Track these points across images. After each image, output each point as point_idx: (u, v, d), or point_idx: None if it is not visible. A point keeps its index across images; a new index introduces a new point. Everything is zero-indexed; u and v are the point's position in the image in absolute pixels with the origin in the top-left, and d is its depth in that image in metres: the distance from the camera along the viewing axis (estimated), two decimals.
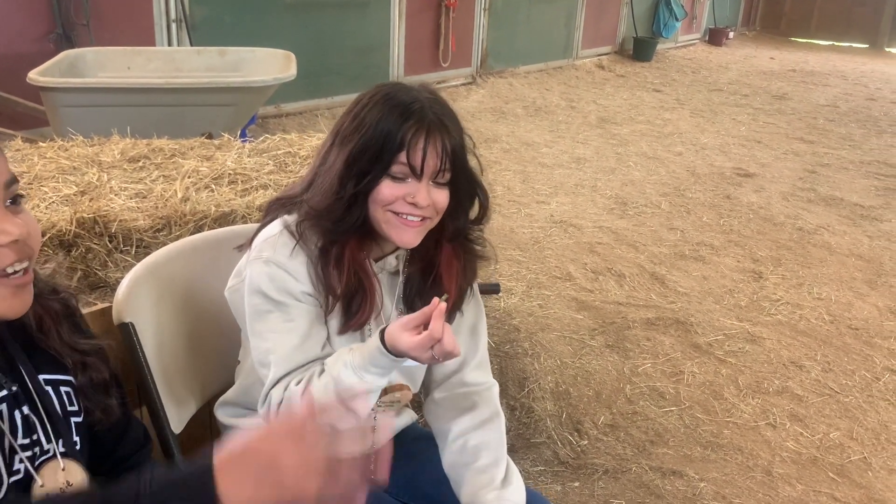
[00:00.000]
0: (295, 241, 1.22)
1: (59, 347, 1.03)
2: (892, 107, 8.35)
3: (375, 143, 1.18)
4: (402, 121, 1.17)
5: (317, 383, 1.20)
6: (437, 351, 1.14)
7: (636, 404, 2.70)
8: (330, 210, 1.21)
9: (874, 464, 2.47)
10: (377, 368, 1.19)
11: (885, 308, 3.55)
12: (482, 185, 1.31)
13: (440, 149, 1.19)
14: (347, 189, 1.20)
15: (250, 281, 1.23)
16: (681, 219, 4.57)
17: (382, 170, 1.19)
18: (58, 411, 1.01)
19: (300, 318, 1.23)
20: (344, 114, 1.26)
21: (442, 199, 1.23)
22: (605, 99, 8.01)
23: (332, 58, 6.36)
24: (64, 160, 2.41)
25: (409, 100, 1.20)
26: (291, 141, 2.70)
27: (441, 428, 1.39)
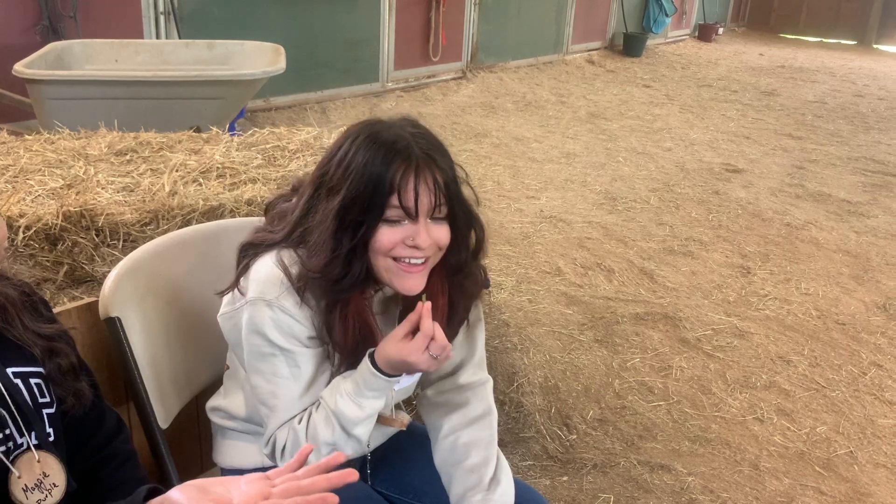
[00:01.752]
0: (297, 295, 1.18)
1: (23, 335, 1.03)
2: (879, 103, 8.40)
3: (365, 191, 1.13)
4: (388, 162, 1.12)
5: (317, 417, 1.20)
6: (433, 349, 1.14)
7: (625, 399, 2.71)
8: (328, 269, 1.16)
9: (860, 458, 2.49)
10: (373, 392, 1.19)
11: (871, 303, 3.58)
12: (478, 217, 1.26)
13: (432, 184, 1.14)
14: (344, 245, 1.15)
15: (251, 321, 1.19)
16: (670, 214, 4.58)
17: (376, 217, 1.14)
18: (28, 404, 1.00)
19: (305, 364, 1.21)
20: (325, 158, 1.21)
21: (443, 234, 1.18)
22: (595, 94, 8.02)
23: (321, 51, 6.34)
24: (50, 153, 2.39)
25: (393, 138, 1.15)
26: (280, 135, 2.68)
27: (433, 423, 1.39)
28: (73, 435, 1.10)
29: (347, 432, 1.19)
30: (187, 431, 1.57)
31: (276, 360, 1.20)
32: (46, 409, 1.03)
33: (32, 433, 1.00)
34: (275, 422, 1.22)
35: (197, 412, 1.51)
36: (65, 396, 1.05)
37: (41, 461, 0.99)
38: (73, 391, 1.06)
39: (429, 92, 7.29)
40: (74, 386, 1.07)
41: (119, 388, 1.41)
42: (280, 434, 1.22)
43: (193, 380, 1.47)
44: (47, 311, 1.12)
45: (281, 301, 1.17)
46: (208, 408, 1.41)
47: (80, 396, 1.07)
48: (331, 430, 1.19)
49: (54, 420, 1.04)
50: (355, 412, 1.18)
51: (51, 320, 1.10)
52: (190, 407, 1.49)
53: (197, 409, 1.51)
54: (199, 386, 1.49)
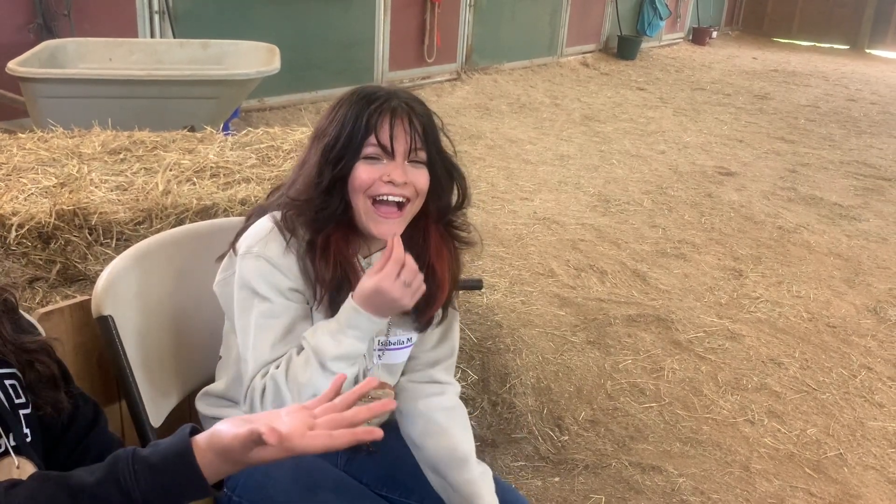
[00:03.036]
0: (284, 236, 1.24)
1: (3, 348, 1.02)
2: (871, 108, 8.44)
3: (345, 130, 1.23)
4: (368, 105, 1.23)
5: (296, 359, 1.21)
6: (405, 275, 1.16)
7: (616, 400, 2.72)
8: (310, 199, 1.24)
9: (850, 460, 2.50)
10: (354, 330, 1.20)
11: (862, 306, 3.60)
12: (458, 166, 1.34)
13: (408, 126, 1.23)
14: (325, 177, 1.24)
15: (240, 275, 1.24)
16: (663, 217, 4.60)
17: (355, 153, 1.23)
18: (5, 405, 1.00)
19: (283, 314, 1.24)
20: (323, 116, 1.31)
21: (421, 178, 1.25)
22: (590, 97, 8.04)
23: (316, 52, 6.34)
24: (44, 151, 2.38)
25: (377, 90, 1.26)
26: (274, 135, 2.69)
27: (407, 406, 1.41)
28: (47, 432, 1.10)
29: (325, 369, 1.19)
30: None
31: (255, 311, 1.23)
32: (23, 410, 1.03)
33: (10, 435, 0.99)
34: (249, 372, 1.24)
35: (189, 411, 1.51)
36: (43, 406, 1.05)
37: (20, 467, 0.98)
38: (51, 402, 1.06)
39: (423, 93, 7.26)
40: (54, 396, 1.07)
41: (111, 387, 1.41)
42: (257, 383, 1.22)
43: (185, 379, 1.47)
44: (29, 325, 1.12)
45: (266, 250, 1.23)
46: (198, 397, 1.43)
47: (58, 407, 1.07)
48: (310, 370, 1.19)
49: (31, 420, 1.04)
50: (332, 347, 1.19)
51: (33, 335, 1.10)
52: (182, 406, 1.49)
53: (189, 409, 1.51)
54: (192, 385, 1.49)
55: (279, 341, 1.24)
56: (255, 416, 0.91)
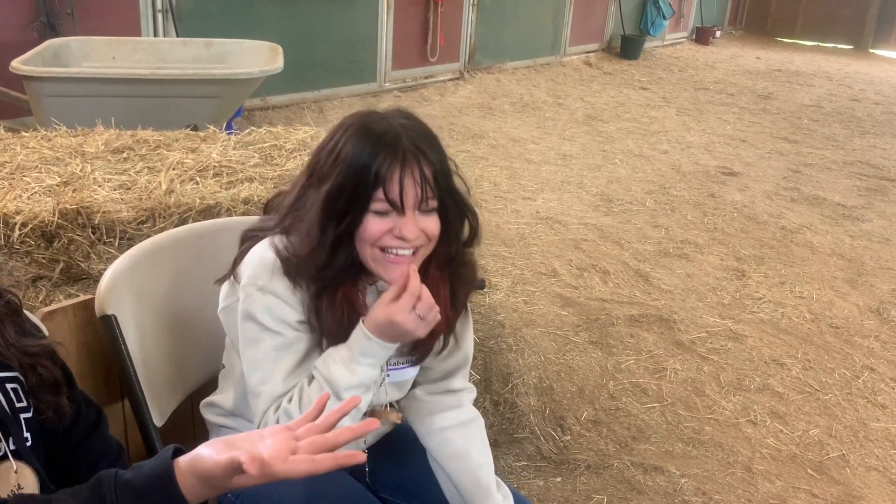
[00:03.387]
0: (290, 277, 1.19)
1: (6, 352, 1.02)
2: (875, 108, 8.42)
3: (350, 182, 1.13)
4: (375, 153, 1.12)
5: (308, 390, 1.20)
6: (420, 309, 1.14)
7: (619, 400, 2.72)
8: (313, 257, 1.17)
9: (852, 461, 2.50)
10: (366, 358, 1.18)
11: (865, 307, 3.59)
12: (471, 206, 1.26)
13: (419, 177, 1.14)
14: (328, 233, 1.16)
15: (245, 308, 1.20)
16: (665, 216, 4.59)
17: (362, 209, 1.15)
18: (6, 409, 1.00)
19: (294, 345, 1.22)
20: (318, 147, 1.21)
21: (432, 225, 1.18)
22: (592, 96, 8.03)
23: (319, 51, 6.34)
24: (47, 150, 2.39)
25: (382, 129, 1.14)
26: (277, 134, 2.69)
27: (423, 421, 1.39)
28: (50, 434, 1.10)
29: (340, 398, 1.18)
30: (182, 430, 1.57)
31: (264, 345, 1.20)
32: (24, 414, 1.03)
33: (10, 439, 0.99)
34: (262, 406, 1.22)
35: (192, 411, 1.52)
36: (44, 410, 1.05)
37: (18, 472, 0.98)
38: (53, 406, 1.06)
39: (426, 92, 7.30)
40: (55, 401, 1.06)
41: (114, 386, 1.41)
42: (270, 417, 1.21)
43: (188, 378, 1.47)
44: (33, 328, 1.11)
45: (272, 285, 1.18)
46: (202, 405, 1.41)
47: (60, 412, 1.06)
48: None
49: (32, 424, 1.04)
50: (347, 377, 1.18)
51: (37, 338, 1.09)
52: (185, 405, 1.49)
53: (192, 408, 1.51)
54: (194, 384, 1.49)
55: (291, 373, 1.22)
56: (238, 440, 0.89)
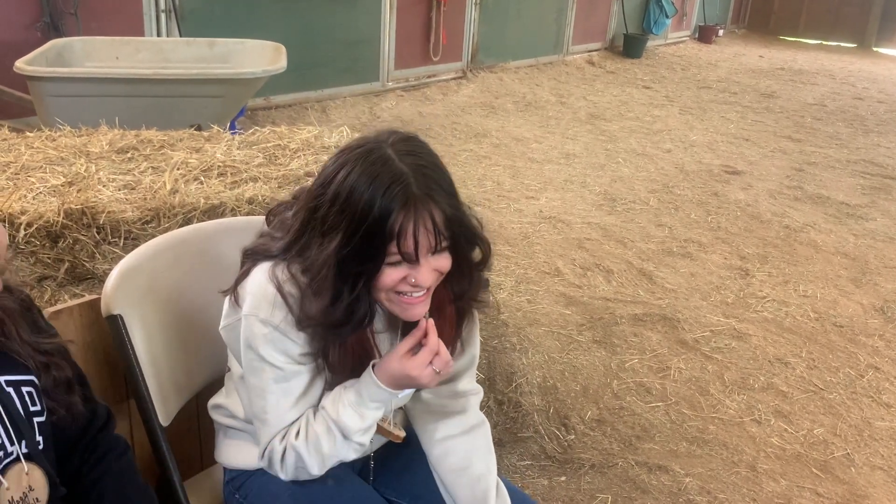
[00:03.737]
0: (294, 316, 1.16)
1: (20, 349, 1.02)
2: (878, 106, 8.41)
3: (363, 240, 1.09)
4: (386, 208, 1.07)
5: (315, 427, 1.21)
6: (437, 364, 1.15)
7: (623, 399, 2.72)
8: (329, 316, 1.14)
9: (857, 460, 2.50)
10: (375, 403, 1.20)
11: (869, 306, 3.58)
12: (483, 237, 1.24)
13: (431, 226, 1.10)
14: (345, 295, 1.13)
15: (245, 337, 1.20)
16: (669, 215, 4.59)
17: (377, 266, 1.11)
18: (20, 413, 1.01)
19: (295, 380, 1.22)
20: (319, 185, 1.14)
21: (444, 263, 1.16)
22: (595, 95, 8.03)
23: (322, 50, 6.34)
24: (51, 150, 2.39)
25: (390, 178, 1.08)
26: (281, 133, 2.69)
27: (426, 427, 1.38)
28: (64, 439, 1.10)
29: (350, 440, 1.21)
30: (188, 429, 1.58)
31: (265, 376, 1.20)
32: (37, 418, 1.03)
33: (23, 442, 1.00)
34: (266, 436, 1.23)
35: (197, 410, 1.52)
36: (57, 409, 1.05)
37: (29, 473, 0.99)
38: (65, 405, 1.06)
39: (429, 91, 7.29)
40: (68, 400, 1.07)
41: (120, 386, 1.41)
42: (275, 446, 1.23)
43: (194, 378, 1.48)
44: (47, 325, 1.12)
45: (273, 319, 1.17)
46: (210, 405, 1.41)
47: (72, 410, 1.07)
48: (333, 441, 1.21)
49: (44, 428, 1.05)
50: (357, 422, 1.20)
51: (50, 335, 1.10)
52: (190, 405, 1.50)
53: (197, 408, 1.51)
54: (200, 384, 1.49)
55: (294, 405, 1.22)
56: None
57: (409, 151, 1.12)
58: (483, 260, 1.27)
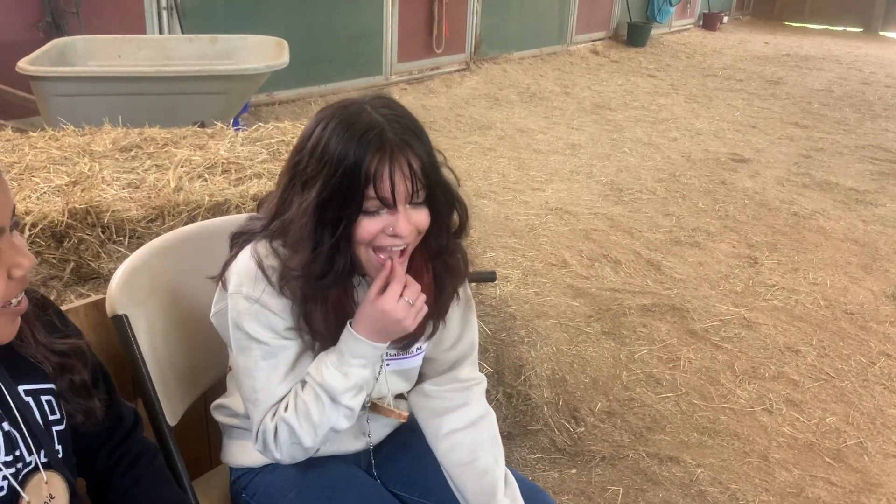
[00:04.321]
0: (273, 285, 1.17)
1: (36, 352, 1.01)
2: (886, 91, 8.34)
3: (341, 185, 1.10)
4: (362, 152, 1.09)
5: (304, 396, 1.20)
6: (408, 295, 1.14)
7: (633, 391, 2.70)
8: (311, 267, 1.14)
9: (870, 448, 2.48)
10: (357, 360, 1.18)
11: (879, 292, 3.56)
12: (460, 197, 1.24)
13: (408, 171, 1.11)
14: (325, 241, 1.13)
15: (232, 315, 1.20)
16: (676, 205, 4.56)
17: (355, 211, 1.12)
18: (39, 423, 1.00)
19: (283, 354, 1.21)
20: (298, 144, 1.17)
21: (422, 219, 1.16)
22: (600, 85, 7.99)
23: (324, 45, 6.32)
24: (55, 150, 2.38)
25: (366, 125, 1.11)
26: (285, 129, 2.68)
27: (430, 422, 1.37)
28: (89, 438, 1.10)
29: (338, 404, 1.18)
30: (195, 429, 1.57)
31: (253, 353, 1.20)
32: (56, 427, 1.02)
33: (42, 451, 0.99)
34: (258, 415, 1.22)
35: (205, 410, 1.51)
36: (75, 413, 1.04)
37: (49, 482, 0.98)
38: (83, 409, 1.05)
39: (432, 84, 7.27)
40: (85, 404, 1.05)
41: (127, 386, 1.40)
42: (267, 425, 1.21)
43: (200, 377, 1.47)
44: (63, 325, 1.10)
45: (256, 293, 1.17)
46: (213, 407, 1.40)
47: (90, 414, 1.06)
48: (321, 407, 1.18)
49: (64, 437, 1.03)
50: (341, 381, 1.17)
51: (66, 335, 1.08)
52: (198, 404, 1.49)
53: (205, 407, 1.50)
54: (206, 383, 1.48)
55: (283, 381, 1.21)
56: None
57: (384, 105, 1.15)
58: (461, 225, 1.26)
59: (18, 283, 0.90)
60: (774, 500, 2.22)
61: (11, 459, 0.95)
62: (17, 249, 0.88)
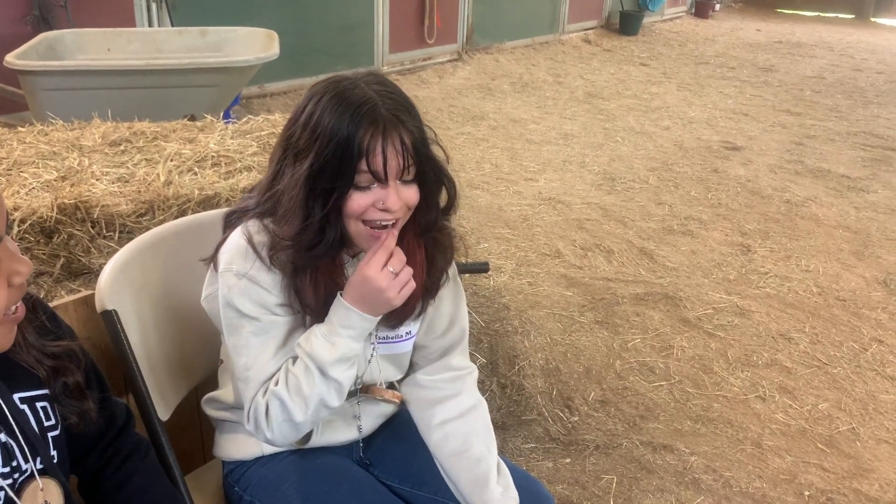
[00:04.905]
0: (263, 260, 1.17)
1: (28, 357, 1.00)
2: (878, 77, 8.35)
3: (333, 157, 1.11)
4: (355, 126, 1.10)
5: (294, 370, 1.19)
6: (393, 264, 1.15)
7: (626, 380, 2.71)
8: (301, 237, 1.15)
9: (862, 434, 2.49)
10: (347, 330, 1.18)
11: (871, 279, 3.57)
12: (448, 174, 1.25)
13: (399, 147, 1.12)
14: (315, 212, 1.14)
15: (223, 294, 1.20)
16: (669, 193, 4.57)
17: (346, 183, 1.12)
18: (35, 430, 0.99)
19: (274, 330, 1.21)
20: (291, 119, 1.18)
21: (412, 195, 1.17)
22: (592, 74, 7.97)
23: (315, 36, 6.29)
24: (44, 145, 2.37)
25: (359, 99, 1.12)
26: (275, 122, 2.66)
27: (422, 412, 1.37)
28: (81, 438, 1.09)
29: (328, 377, 1.18)
30: (187, 423, 1.57)
31: (244, 331, 1.20)
32: (51, 433, 1.02)
33: (38, 458, 0.98)
34: (249, 392, 1.22)
35: (197, 404, 1.51)
36: (69, 416, 1.04)
37: (44, 489, 0.98)
38: (77, 412, 1.04)
39: (424, 75, 7.25)
40: (79, 407, 1.05)
41: (117, 381, 1.40)
42: (258, 402, 1.20)
43: (192, 371, 1.46)
44: (55, 326, 1.09)
45: (246, 269, 1.17)
46: (204, 401, 1.40)
47: (84, 418, 1.05)
48: (311, 379, 1.18)
49: (59, 442, 1.03)
50: (329, 351, 1.17)
51: (58, 337, 1.07)
52: (190, 399, 1.49)
53: (197, 401, 1.50)
54: (198, 378, 1.48)
55: (273, 357, 1.21)
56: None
57: (377, 82, 1.16)
58: (449, 202, 1.27)
59: (18, 290, 0.89)
60: (768, 486, 2.23)
61: (9, 471, 0.95)
62: (15, 256, 0.87)
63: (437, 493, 1.35)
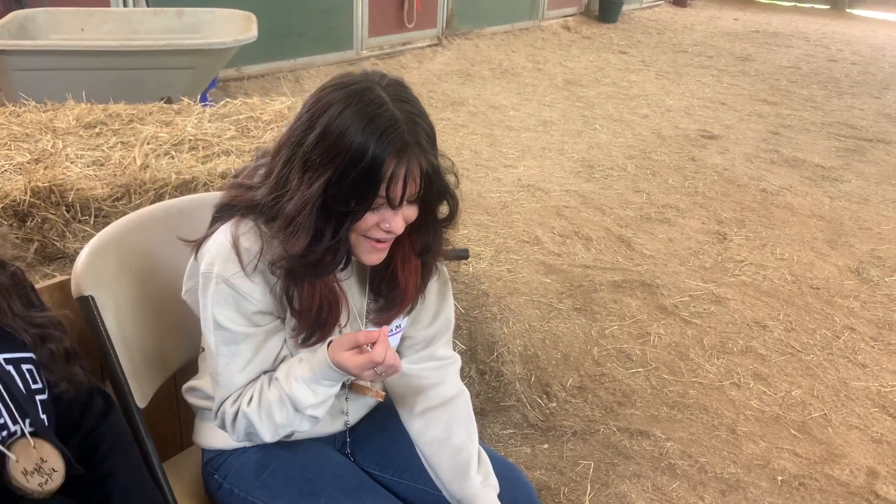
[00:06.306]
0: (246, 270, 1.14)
1: (14, 323, 1.00)
2: (852, 68, 8.44)
3: (354, 181, 1.06)
4: (381, 152, 1.05)
5: (269, 395, 1.19)
6: (380, 370, 1.14)
7: (603, 366, 2.73)
8: (309, 255, 1.11)
9: (834, 420, 2.54)
10: (328, 381, 1.19)
11: (844, 267, 3.62)
12: (454, 193, 1.23)
13: (419, 175, 1.10)
14: (327, 234, 1.11)
15: (201, 293, 1.19)
16: (646, 181, 4.59)
17: (364, 208, 1.10)
18: (22, 391, 0.98)
19: (245, 342, 1.20)
20: (302, 124, 1.11)
21: (412, 213, 1.16)
22: (572, 61, 7.98)
23: (294, 19, 6.21)
24: (16, 126, 2.32)
25: (387, 122, 1.06)
26: (253, 105, 2.64)
27: (405, 400, 1.37)
28: (62, 419, 1.08)
29: (302, 413, 1.20)
30: (166, 411, 1.55)
31: (217, 338, 1.19)
32: (39, 396, 1.01)
33: (27, 420, 0.98)
34: (219, 397, 1.23)
35: (175, 391, 1.50)
36: (58, 382, 1.03)
37: (37, 447, 0.97)
38: (66, 376, 1.04)
39: (404, 59, 7.20)
40: (68, 371, 1.05)
41: (95, 368, 1.38)
42: (227, 409, 1.22)
43: (170, 358, 1.45)
44: (38, 300, 1.09)
45: (228, 275, 1.15)
46: (184, 389, 1.39)
47: (74, 381, 1.05)
48: (285, 412, 1.19)
49: (47, 406, 1.03)
50: (309, 398, 1.18)
51: (43, 309, 1.07)
52: (168, 386, 1.47)
53: (175, 389, 1.49)
54: (176, 364, 1.47)
55: (245, 368, 1.21)
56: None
57: (401, 97, 1.11)
58: (450, 215, 1.26)
59: None
60: (742, 471, 2.26)
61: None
62: None
63: (418, 480, 1.35)
